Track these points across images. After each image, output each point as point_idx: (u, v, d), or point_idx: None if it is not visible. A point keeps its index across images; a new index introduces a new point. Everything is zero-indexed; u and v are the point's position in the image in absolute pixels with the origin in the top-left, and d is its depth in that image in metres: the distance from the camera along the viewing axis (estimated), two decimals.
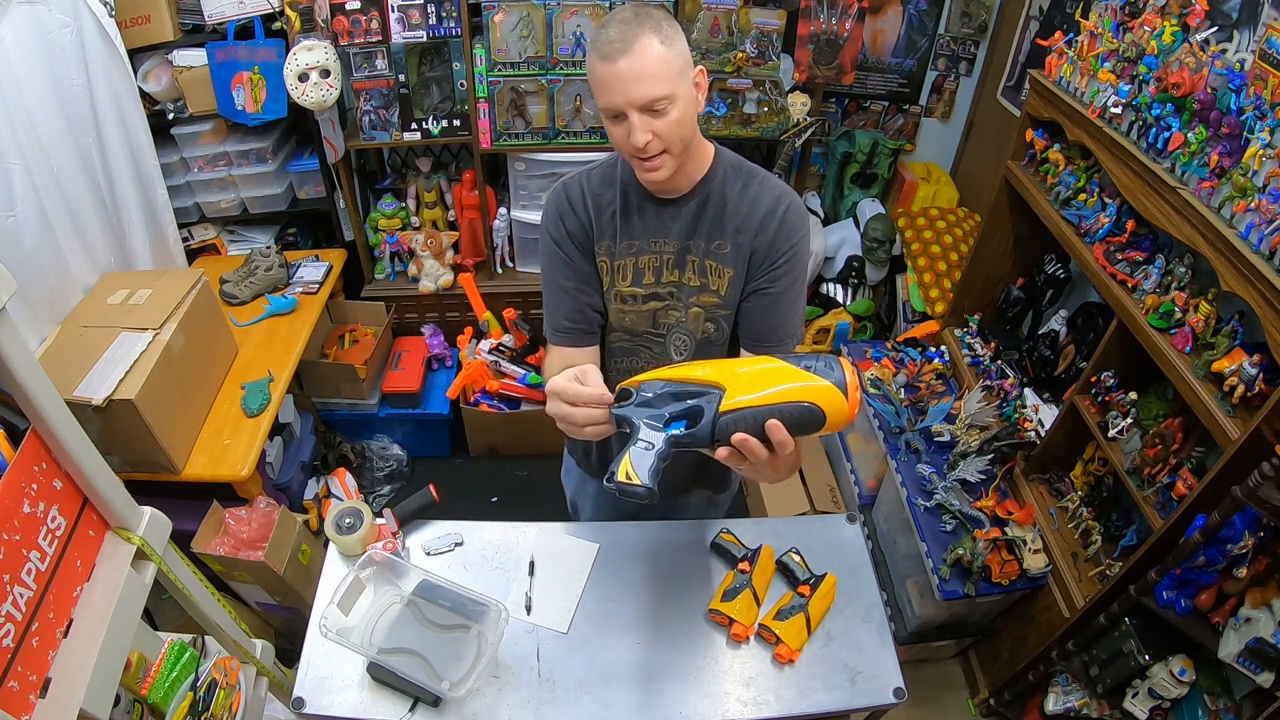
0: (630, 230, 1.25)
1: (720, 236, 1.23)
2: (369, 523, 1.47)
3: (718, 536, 1.55)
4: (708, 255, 1.24)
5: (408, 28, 2.34)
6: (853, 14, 2.45)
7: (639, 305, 1.29)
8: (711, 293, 1.26)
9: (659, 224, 1.24)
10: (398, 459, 2.80)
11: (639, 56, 1.04)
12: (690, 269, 1.26)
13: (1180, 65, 1.55)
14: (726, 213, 1.22)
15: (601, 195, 1.25)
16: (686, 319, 1.29)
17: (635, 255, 1.26)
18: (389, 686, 1.29)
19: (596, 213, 1.25)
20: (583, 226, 1.26)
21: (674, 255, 1.25)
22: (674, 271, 1.26)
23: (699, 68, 1.14)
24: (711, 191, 1.22)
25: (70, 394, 1.69)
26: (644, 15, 1.06)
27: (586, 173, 1.28)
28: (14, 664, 0.92)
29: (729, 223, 1.22)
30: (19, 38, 1.80)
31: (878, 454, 2.33)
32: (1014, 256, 2.38)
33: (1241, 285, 1.39)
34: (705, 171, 1.23)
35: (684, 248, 1.25)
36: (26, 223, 1.83)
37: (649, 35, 1.04)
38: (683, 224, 1.23)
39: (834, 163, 3.12)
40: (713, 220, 1.23)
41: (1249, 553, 1.43)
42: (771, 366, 0.96)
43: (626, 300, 1.28)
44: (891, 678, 1.37)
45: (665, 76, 1.06)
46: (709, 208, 1.22)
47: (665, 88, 1.06)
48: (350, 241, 2.82)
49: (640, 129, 1.07)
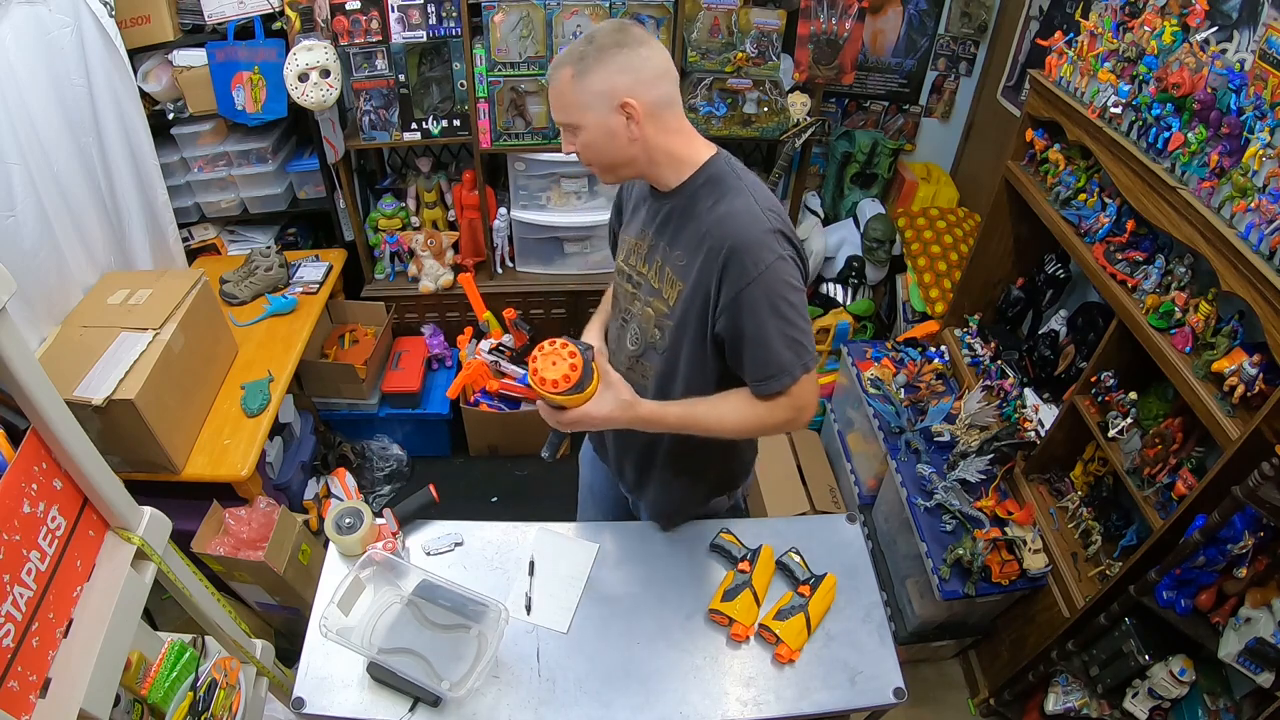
0: (635, 214, 1.36)
1: (680, 247, 1.23)
2: (369, 523, 1.47)
3: (718, 536, 1.55)
4: (668, 262, 1.26)
5: (408, 28, 2.34)
6: (853, 14, 2.45)
7: (623, 281, 1.38)
8: (663, 300, 1.28)
9: (648, 217, 1.31)
10: (398, 459, 2.80)
11: (551, 88, 1.19)
12: (654, 268, 1.29)
13: (1180, 65, 1.55)
14: (690, 226, 1.21)
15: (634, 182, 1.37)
16: (642, 314, 1.33)
17: (628, 235, 1.37)
18: (389, 686, 1.29)
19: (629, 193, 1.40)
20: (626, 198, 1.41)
21: (647, 249, 1.31)
22: (644, 264, 1.32)
23: (626, 99, 1.13)
24: (684, 200, 1.23)
25: (70, 394, 1.69)
26: (583, 44, 1.15)
27: None
28: (14, 664, 0.92)
29: (690, 237, 1.21)
30: (19, 38, 1.80)
31: (878, 454, 2.32)
32: (1014, 256, 2.38)
33: (1241, 285, 1.39)
34: (688, 177, 1.23)
35: (653, 245, 1.29)
36: (26, 223, 1.83)
37: (567, 68, 1.15)
38: (658, 221, 1.28)
39: (834, 163, 3.12)
40: (676, 229, 1.24)
41: (1249, 553, 1.42)
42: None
43: (620, 273, 1.39)
44: (891, 678, 1.38)
45: (564, 107, 1.18)
46: (675, 216, 1.25)
47: (569, 116, 1.18)
48: (350, 241, 2.82)
49: (564, 142, 1.23)
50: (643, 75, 1.14)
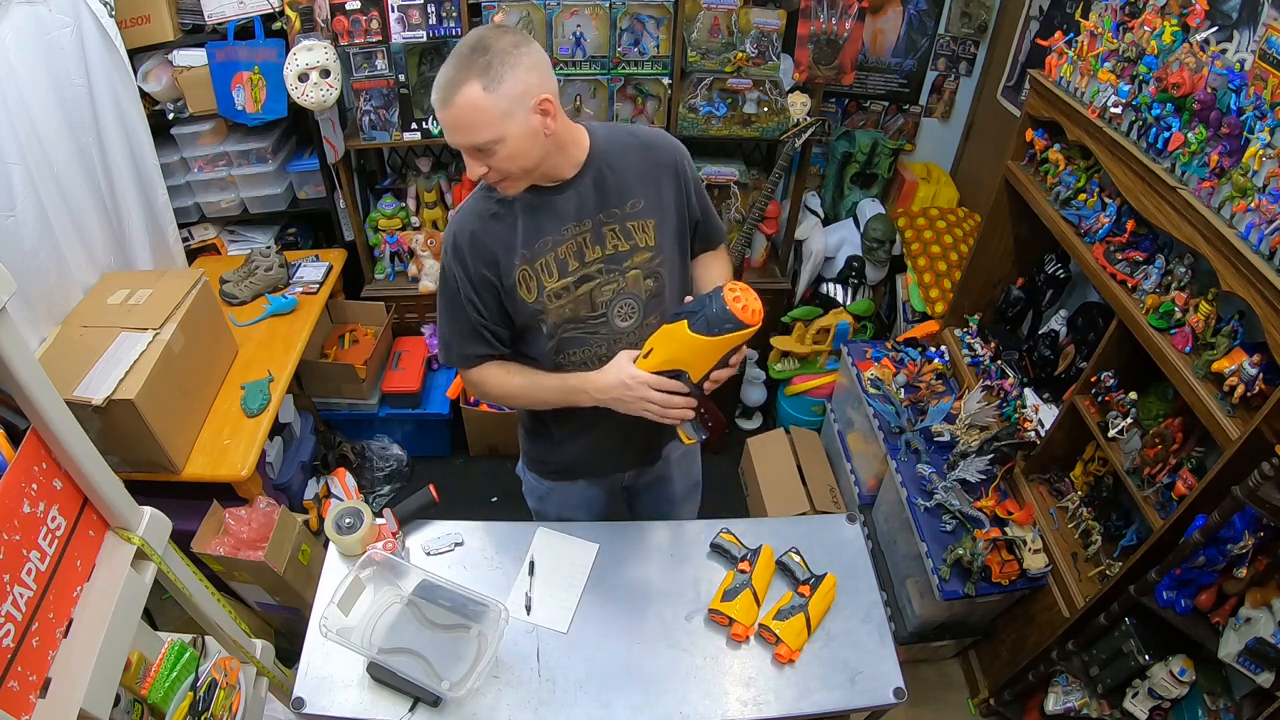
0: (539, 229, 1.28)
1: (632, 195, 1.30)
2: (369, 523, 1.47)
3: (718, 536, 1.55)
4: (627, 217, 1.30)
5: (408, 28, 2.34)
6: (853, 14, 2.45)
7: (574, 293, 1.31)
8: (643, 250, 1.32)
9: (564, 210, 1.28)
10: (398, 459, 2.80)
11: (459, 109, 1.10)
12: (611, 237, 1.30)
13: (1180, 65, 1.55)
14: (625, 176, 1.29)
15: (500, 215, 1.28)
16: (626, 284, 1.33)
17: (553, 249, 1.29)
18: (389, 686, 1.29)
19: (500, 236, 1.28)
20: (485, 258, 1.28)
21: (590, 232, 1.29)
22: (595, 248, 1.30)
23: (542, 96, 1.14)
24: (600, 164, 1.28)
25: (70, 394, 1.69)
26: (474, 55, 1.09)
27: (469, 214, 1.30)
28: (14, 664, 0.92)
29: (632, 180, 1.30)
30: (19, 38, 1.80)
31: (878, 454, 2.32)
32: (1014, 256, 2.38)
33: (1241, 285, 1.39)
34: (587, 151, 1.28)
35: (597, 222, 1.29)
36: (26, 223, 1.83)
37: (472, 83, 1.09)
38: (585, 201, 1.28)
39: (834, 163, 3.12)
40: (614, 187, 1.29)
41: (1249, 553, 1.42)
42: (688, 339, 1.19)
43: (560, 295, 1.31)
44: (891, 678, 1.38)
45: (486, 123, 1.11)
46: (606, 176, 1.28)
47: (487, 134, 1.12)
48: (350, 241, 2.82)
49: (473, 166, 1.18)
50: (545, 69, 1.15)
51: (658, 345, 1.24)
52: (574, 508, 1.69)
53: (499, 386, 1.39)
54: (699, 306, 1.19)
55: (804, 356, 2.93)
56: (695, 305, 1.20)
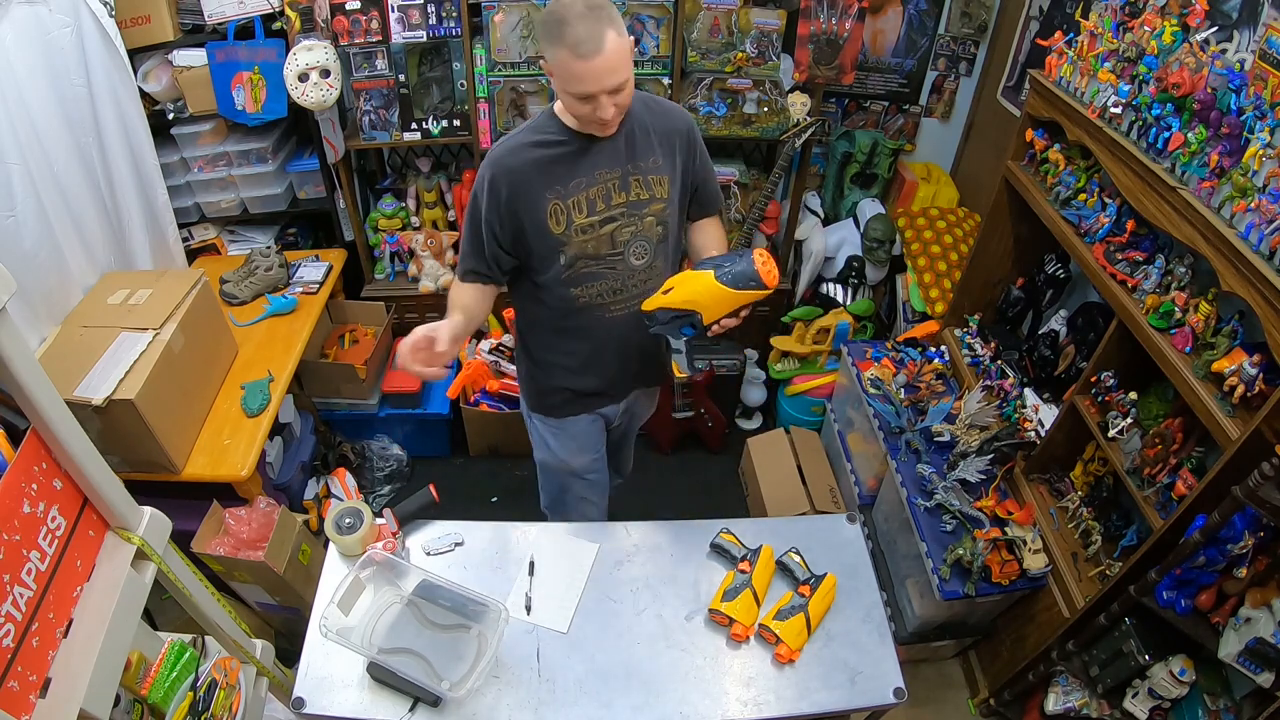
0: (577, 170, 1.46)
1: (652, 154, 1.51)
2: (369, 523, 1.47)
3: (718, 536, 1.55)
4: (649, 171, 1.51)
5: (408, 28, 2.34)
6: (853, 14, 2.45)
7: (598, 230, 1.49)
8: (659, 200, 1.53)
9: (600, 159, 1.46)
10: (398, 459, 2.80)
11: (609, 55, 1.27)
12: (636, 186, 1.50)
13: (1180, 65, 1.55)
14: (651, 135, 1.51)
15: (541, 156, 1.44)
16: (643, 229, 1.53)
17: (586, 189, 1.47)
18: (389, 686, 1.29)
19: (539, 171, 1.45)
20: (519, 191, 1.45)
21: (618, 180, 1.48)
22: (621, 194, 1.49)
23: (632, 38, 1.35)
24: (634, 123, 1.48)
25: (70, 394, 1.69)
26: (598, 10, 1.27)
27: (519, 144, 1.46)
28: (14, 664, 0.92)
29: (654, 141, 1.51)
30: (19, 38, 1.80)
31: (878, 454, 2.32)
32: (1014, 256, 2.38)
33: (1241, 285, 1.39)
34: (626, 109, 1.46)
35: (625, 172, 1.49)
36: (26, 223, 1.83)
37: (610, 29, 1.27)
38: (618, 154, 1.48)
39: (834, 163, 3.12)
40: (641, 144, 1.50)
41: (1249, 553, 1.42)
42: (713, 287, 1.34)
43: (586, 230, 1.48)
44: (891, 678, 1.38)
45: (626, 63, 1.31)
46: (635, 136, 1.49)
47: (626, 72, 1.32)
48: (350, 241, 2.82)
49: (608, 106, 1.34)
50: None
51: (679, 286, 1.40)
52: (579, 448, 1.83)
53: (453, 291, 1.60)
54: (728, 261, 1.35)
55: (804, 356, 2.93)
56: (725, 260, 1.36)
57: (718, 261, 1.36)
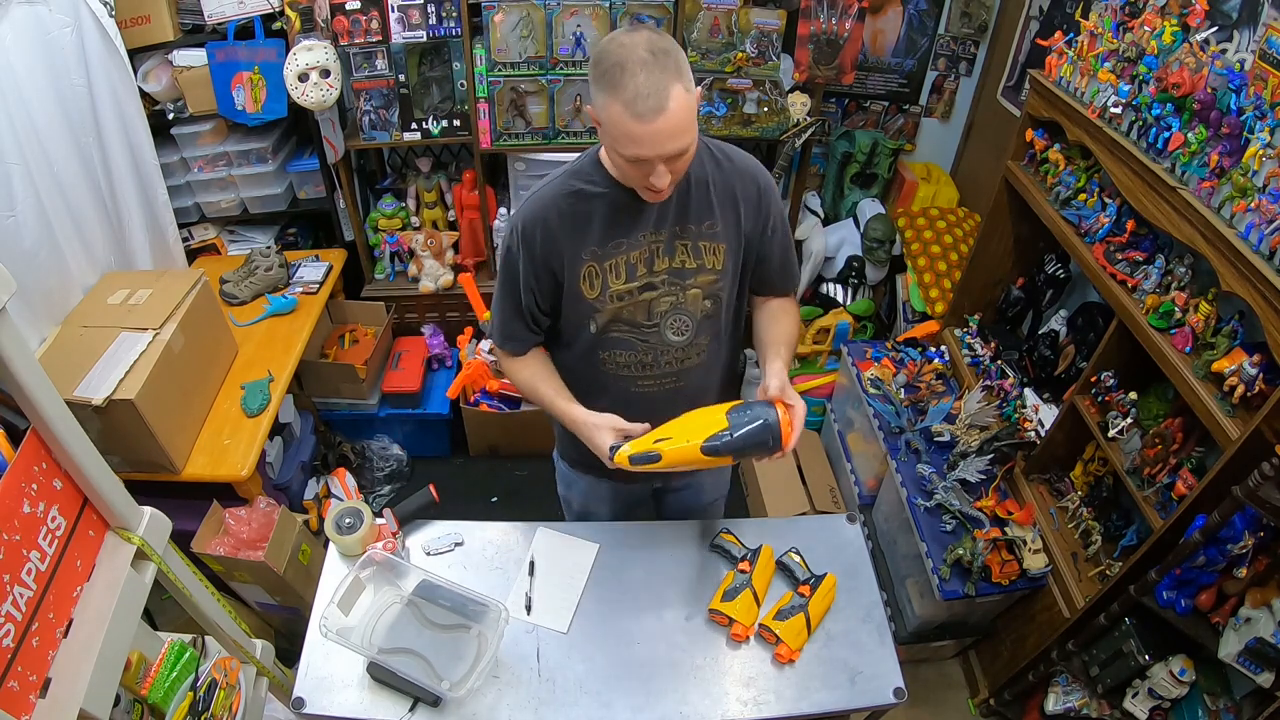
0: (618, 230, 1.27)
1: (710, 217, 1.29)
2: (369, 523, 1.47)
3: (718, 536, 1.55)
4: (700, 237, 1.30)
5: (408, 28, 2.34)
6: (853, 14, 2.45)
7: (635, 298, 1.31)
8: (709, 271, 1.32)
9: (646, 217, 1.27)
10: (398, 459, 2.80)
11: (674, 115, 1.06)
12: (683, 253, 1.30)
13: (1180, 65, 1.55)
14: (712, 194, 1.29)
15: (579, 210, 1.27)
16: (685, 301, 1.33)
17: (626, 252, 1.28)
18: (389, 686, 1.29)
19: (574, 229, 1.27)
20: (554, 248, 1.28)
21: (663, 243, 1.29)
22: (665, 259, 1.30)
23: (699, 92, 1.16)
24: (692, 178, 1.27)
25: (70, 394, 1.69)
26: (663, 56, 1.06)
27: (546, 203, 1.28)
28: (14, 664, 0.92)
29: (715, 201, 1.29)
30: (19, 37, 1.80)
31: (878, 454, 2.32)
32: (1014, 256, 2.38)
33: (1241, 285, 1.39)
34: None
35: (673, 234, 1.29)
36: (26, 223, 1.83)
37: (675, 85, 1.06)
38: (668, 213, 1.28)
39: (834, 163, 3.12)
40: (697, 203, 1.28)
41: (1249, 553, 1.42)
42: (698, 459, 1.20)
43: (622, 297, 1.31)
44: (891, 678, 1.37)
45: (691, 124, 1.11)
46: (692, 192, 1.28)
47: (692, 134, 1.12)
48: (350, 241, 2.82)
49: (664, 174, 1.13)
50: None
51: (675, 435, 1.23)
52: (600, 501, 1.69)
53: (512, 370, 1.44)
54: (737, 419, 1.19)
55: (804, 356, 2.93)
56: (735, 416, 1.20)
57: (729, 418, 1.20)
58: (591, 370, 1.39)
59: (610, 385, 1.40)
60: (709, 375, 1.45)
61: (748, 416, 1.20)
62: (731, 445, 1.19)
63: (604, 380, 1.40)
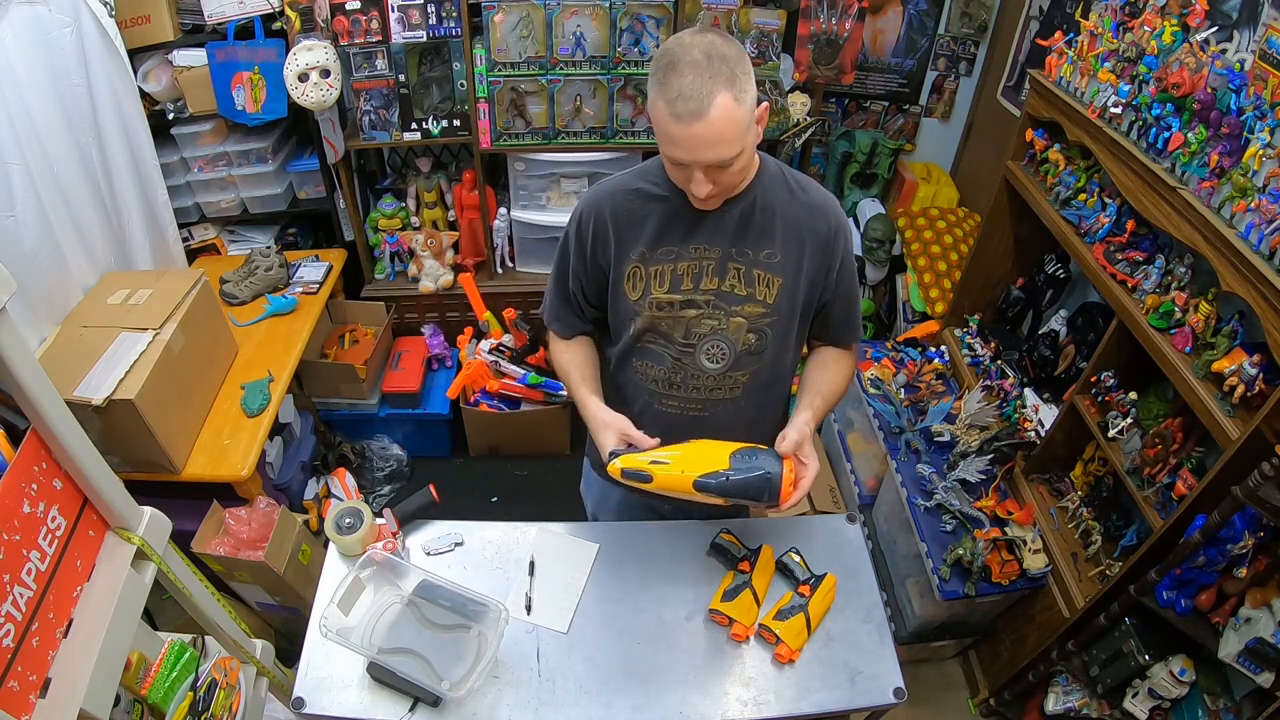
0: (670, 237, 1.23)
1: (770, 245, 1.23)
2: (369, 523, 1.47)
3: (718, 536, 1.55)
4: (756, 264, 1.23)
5: (408, 28, 2.34)
6: (853, 14, 2.45)
7: (675, 311, 1.27)
8: (758, 303, 1.25)
9: (701, 231, 1.22)
10: (398, 459, 2.80)
11: (714, 123, 1.02)
12: (734, 277, 1.24)
13: (1180, 65, 1.55)
14: (777, 221, 1.22)
15: (636, 209, 1.24)
16: (727, 328, 1.27)
17: (674, 261, 1.24)
18: (389, 686, 1.29)
19: (628, 226, 1.24)
20: (607, 243, 1.27)
21: (715, 262, 1.24)
22: (714, 279, 1.24)
23: (764, 104, 1.11)
24: (758, 199, 1.22)
25: (70, 394, 1.69)
26: (718, 61, 1.01)
27: (618, 188, 1.27)
28: (14, 664, 0.92)
29: (779, 231, 1.23)
30: (19, 38, 1.80)
31: (878, 454, 2.32)
32: (1014, 256, 2.38)
33: (1241, 285, 1.39)
34: (751, 178, 1.21)
35: (727, 255, 1.23)
36: (26, 223, 1.83)
37: (723, 92, 1.01)
38: (727, 231, 1.22)
39: (834, 163, 3.12)
40: (761, 228, 1.22)
41: (1249, 553, 1.42)
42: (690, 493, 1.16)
43: (662, 307, 1.27)
44: (891, 678, 1.37)
45: (737, 136, 1.05)
46: (755, 215, 1.22)
47: (735, 147, 1.06)
48: (350, 241, 2.82)
49: (703, 184, 1.09)
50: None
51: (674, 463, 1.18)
52: (607, 512, 1.69)
53: (555, 351, 1.43)
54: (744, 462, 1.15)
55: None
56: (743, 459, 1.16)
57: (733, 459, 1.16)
58: (624, 374, 1.38)
59: (637, 395, 1.38)
60: (738, 416, 1.37)
61: (751, 464, 1.16)
62: (724, 488, 1.15)
63: (633, 388, 1.38)
